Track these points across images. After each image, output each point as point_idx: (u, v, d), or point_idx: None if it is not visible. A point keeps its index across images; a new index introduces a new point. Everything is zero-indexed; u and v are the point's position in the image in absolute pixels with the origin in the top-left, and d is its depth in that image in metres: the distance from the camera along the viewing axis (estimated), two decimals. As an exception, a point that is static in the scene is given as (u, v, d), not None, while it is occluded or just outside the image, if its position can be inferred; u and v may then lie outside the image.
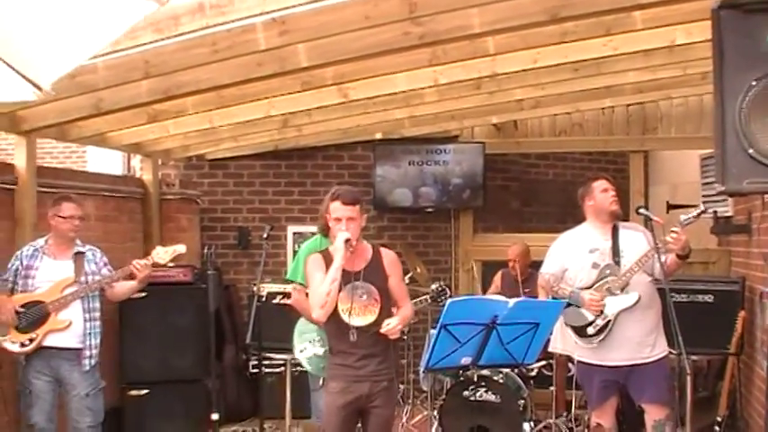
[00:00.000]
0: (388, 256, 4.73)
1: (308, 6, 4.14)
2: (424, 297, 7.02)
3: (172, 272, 7.33)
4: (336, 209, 4.53)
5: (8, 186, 6.12)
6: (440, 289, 7.12)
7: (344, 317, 4.51)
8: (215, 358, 6.14)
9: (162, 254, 5.64)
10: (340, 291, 4.50)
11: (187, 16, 4.14)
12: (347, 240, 4.46)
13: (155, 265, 5.66)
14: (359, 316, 4.53)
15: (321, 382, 5.47)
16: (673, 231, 5.02)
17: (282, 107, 6.66)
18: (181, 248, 5.73)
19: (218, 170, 9.23)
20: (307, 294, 4.92)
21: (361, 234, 4.67)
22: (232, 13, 4.10)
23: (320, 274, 4.53)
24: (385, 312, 4.55)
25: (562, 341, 5.86)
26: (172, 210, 8.48)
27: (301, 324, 5.61)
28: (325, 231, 5.09)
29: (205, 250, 6.71)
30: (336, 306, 4.51)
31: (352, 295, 4.52)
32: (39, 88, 2.76)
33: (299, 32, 4.52)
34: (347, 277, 4.53)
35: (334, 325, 4.60)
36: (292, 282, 5.57)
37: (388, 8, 4.31)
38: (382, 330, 4.45)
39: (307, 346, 5.60)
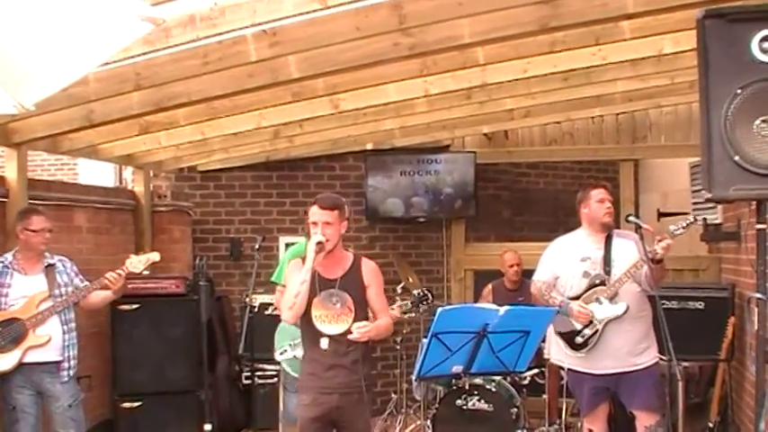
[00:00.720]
0: (368, 266, 4.74)
1: (299, 18, 4.15)
2: (404, 303, 6.78)
3: (164, 283, 7.35)
4: (313, 213, 4.58)
5: (-1, 199, 6.12)
6: (421, 295, 6.93)
7: (317, 323, 4.56)
8: (207, 369, 6.16)
9: (135, 263, 5.60)
10: (315, 297, 4.53)
11: (178, 28, 4.16)
12: (319, 243, 4.47)
13: (129, 275, 5.63)
14: (331, 324, 4.55)
15: None
16: (664, 241, 5.03)
17: (274, 118, 6.68)
18: (154, 256, 5.70)
19: (209, 182, 9.24)
20: None
21: (342, 242, 4.70)
22: (223, 24, 4.12)
23: (296, 277, 4.54)
24: (358, 322, 4.54)
25: (554, 350, 5.88)
26: (164, 221, 8.49)
27: (283, 326, 5.63)
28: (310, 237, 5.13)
29: (197, 261, 6.71)
30: (310, 312, 4.54)
31: (326, 302, 4.55)
32: (20, 104, 2.76)
33: (290, 44, 4.55)
34: (324, 284, 4.57)
35: (307, 330, 4.63)
36: (277, 284, 5.64)
37: (378, 19, 4.33)
38: (352, 332, 4.44)
39: (287, 348, 5.62)
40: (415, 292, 7.08)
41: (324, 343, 4.55)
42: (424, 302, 6.90)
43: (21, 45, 2.50)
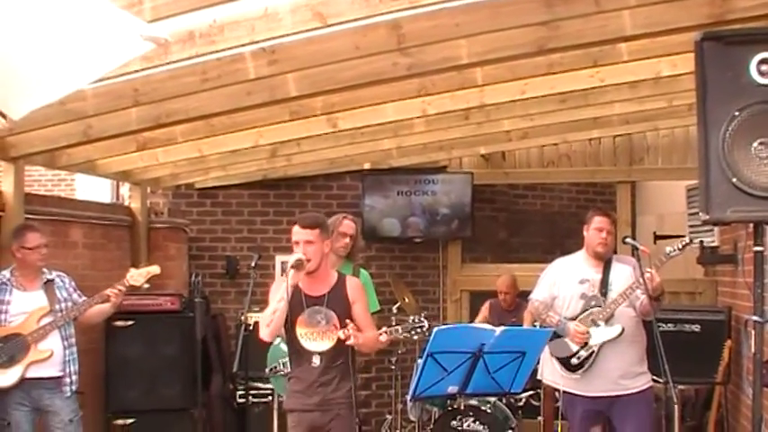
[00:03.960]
0: (352, 283, 4.78)
1: (298, 36, 4.16)
2: (394, 327, 5.73)
3: (159, 300, 7.31)
4: (295, 232, 4.63)
5: (-4, 213, 6.10)
6: (416, 322, 5.78)
7: (302, 341, 4.60)
8: (201, 387, 6.12)
9: (136, 276, 5.59)
10: (300, 315, 4.57)
11: (177, 45, 4.15)
12: (298, 260, 4.51)
13: (130, 288, 5.61)
14: (316, 341, 4.59)
15: None
16: (648, 271, 5.02)
17: (271, 137, 6.68)
18: (155, 269, 5.69)
19: (206, 199, 9.22)
20: None
21: (326, 260, 4.74)
22: (222, 42, 4.12)
23: (276, 294, 4.61)
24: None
25: (548, 372, 5.88)
26: (160, 238, 8.47)
27: (276, 344, 5.58)
28: None
29: (193, 279, 6.69)
30: (295, 330, 4.59)
31: (311, 320, 4.59)
32: (3, 116, 2.75)
33: (289, 62, 4.55)
34: (309, 302, 4.62)
35: (293, 348, 4.68)
36: None
37: (376, 39, 4.34)
38: (339, 345, 4.52)
39: (278, 366, 5.57)
40: (411, 318, 6.07)
41: (316, 360, 4.59)
42: (418, 330, 5.88)
43: (14, 57, 2.48)
